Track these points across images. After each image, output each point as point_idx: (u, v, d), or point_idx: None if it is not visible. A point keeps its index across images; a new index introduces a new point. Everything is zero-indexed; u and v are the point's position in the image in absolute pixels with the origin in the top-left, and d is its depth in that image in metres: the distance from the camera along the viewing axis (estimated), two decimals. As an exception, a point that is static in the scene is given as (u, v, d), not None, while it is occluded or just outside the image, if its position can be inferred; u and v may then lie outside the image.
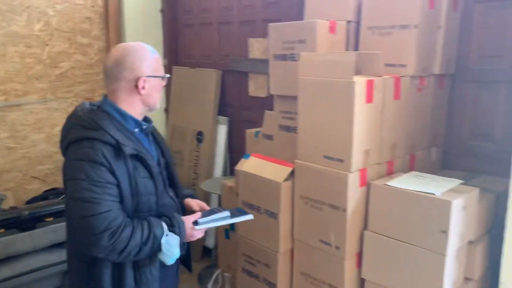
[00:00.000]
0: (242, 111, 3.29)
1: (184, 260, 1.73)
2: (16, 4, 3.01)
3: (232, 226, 2.55)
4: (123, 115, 1.46)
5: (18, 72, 3.09)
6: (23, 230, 2.08)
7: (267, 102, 2.81)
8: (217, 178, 3.20)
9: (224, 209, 1.61)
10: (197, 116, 3.45)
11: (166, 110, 3.81)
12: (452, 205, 1.50)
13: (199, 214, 1.57)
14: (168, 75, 1.56)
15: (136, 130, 1.49)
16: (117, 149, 1.36)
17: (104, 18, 3.45)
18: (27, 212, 2.11)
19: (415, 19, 1.79)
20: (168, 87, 3.78)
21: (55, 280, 2.20)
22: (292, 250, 1.92)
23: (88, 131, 1.38)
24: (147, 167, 1.44)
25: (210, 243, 3.42)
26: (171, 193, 1.60)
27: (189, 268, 1.77)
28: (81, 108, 1.46)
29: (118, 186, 1.37)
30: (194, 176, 3.44)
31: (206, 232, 3.55)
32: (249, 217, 1.62)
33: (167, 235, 1.41)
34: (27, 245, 2.06)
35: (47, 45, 3.20)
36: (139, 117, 1.51)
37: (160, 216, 1.47)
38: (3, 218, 2.10)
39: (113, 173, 1.35)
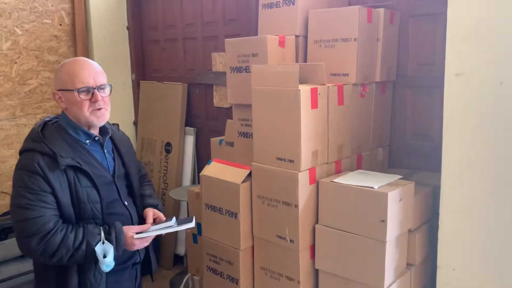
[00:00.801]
0: (208, 121, 3.44)
1: (146, 267, 1.80)
2: (-17, 24, 3.11)
3: (199, 230, 2.68)
4: (74, 127, 1.57)
5: (-13, 90, 3.17)
6: (-5, 240, 2.17)
7: (231, 112, 2.96)
8: (185, 187, 3.33)
9: (172, 218, 1.68)
10: (165, 128, 3.59)
11: (135, 123, 3.93)
12: (388, 197, 1.68)
13: (148, 225, 1.63)
14: (81, 88, 1.52)
15: (88, 141, 1.59)
16: (56, 159, 1.46)
17: (72, 36, 3.57)
18: (-2, 223, 2.20)
19: (355, 33, 1.99)
20: (136, 101, 3.91)
21: (28, 288, 2.29)
22: (252, 247, 2.06)
23: (32, 143, 1.51)
24: (88, 176, 1.52)
25: (181, 250, 3.53)
26: (127, 202, 1.67)
27: (150, 275, 1.85)
28: (39, 122, 1.59)
29: (54, 194, 1.46)
30: (163, 185, 3.56)
31: (177, 239, 3.66)
32: (191, 225, 1.66)
33: (103, 243, 1.49)
34: (-1, 254, 2.15)
35: (15, 63, 3.29)
36: (90, 129, 1.60)
37: (105, 224, 1.55)
38: (-25, 229, 2.19)
39: (48, 182, 1.45)
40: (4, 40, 3.21)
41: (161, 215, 1.73)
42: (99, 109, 1.56)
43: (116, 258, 1.54)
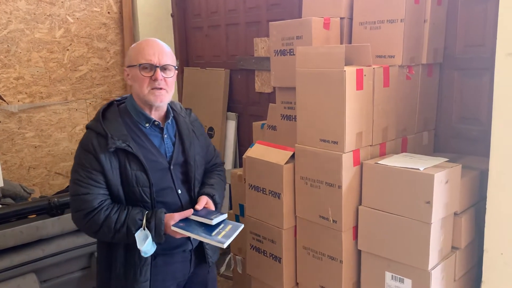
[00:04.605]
0: (249, 106, 3.49)
1: (202, 255, 1.74)
2: (39, 13, 3.27)
3: (241, 211, 2.74)
4: (136, 110, 1.58)
5: (42, 76, 3.35)
6: (53, 215, 2.30)
7: (272, 97, 3.00)
8: (227, 170, 3.40)
9: (222, 215, 1.57)
10: (207, 113, 3.67)
11: (179, 108, 4.03)
12: (435, 178, 1.67)
13: (190, 211, 1.56)
14: (143, 64, 1.52)
15: (147, 125, 1.58)
16: (107, 140, 1.48)
17: (119, 23, 3.69)
18: (56, 199, 2.33)
19: (401, 14, 1.97)
20: (180, 87, 4.01)
21: (83, 261, 2.42)
22: (295, 227, 2.10)
23: (92, 122, 1.56)
24: (138, 160, 1.51)
25: (222, 232, 3.62)
26: (181, 191, 1.63)
27: (204, 261, 1.75)
28: (107, 103, 1.64)
29: (103, 173, 1.49)
30: (206, 169, 3.65)
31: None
32: (223, 243, 1.47)
33: (144, 229, 1.49)
34: (56, 228, 2.29)
35: (67, 50, 3.45)
36: (151, 112, 1.58)
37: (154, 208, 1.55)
38: (35, 204, 2.33)
39: (98, 161, 1.47)
40: (57, 28, 3.38)
41: (210, 204, 1.64)
42: (159, 88, 1.54)
43: (162, 243, 1.53)
